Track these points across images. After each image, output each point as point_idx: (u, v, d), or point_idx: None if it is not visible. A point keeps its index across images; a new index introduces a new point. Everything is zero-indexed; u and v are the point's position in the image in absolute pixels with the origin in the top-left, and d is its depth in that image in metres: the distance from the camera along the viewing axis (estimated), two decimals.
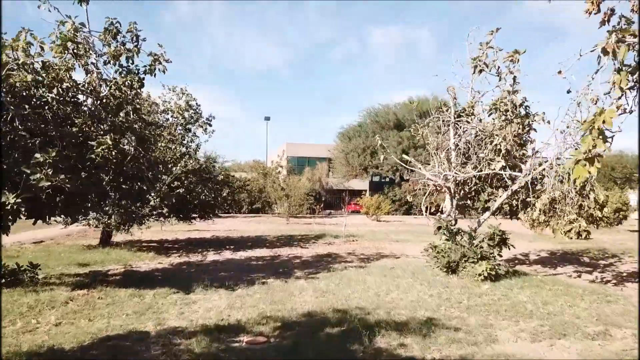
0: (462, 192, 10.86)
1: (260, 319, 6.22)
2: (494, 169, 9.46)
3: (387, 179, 58.67)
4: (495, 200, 10.14)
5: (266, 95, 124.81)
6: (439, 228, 9.82)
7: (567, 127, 8.90)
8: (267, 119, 53.38)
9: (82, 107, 8.31)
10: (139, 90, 9.07)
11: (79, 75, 8.61)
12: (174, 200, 12.79)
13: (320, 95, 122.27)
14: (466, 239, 9.39)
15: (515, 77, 9.30)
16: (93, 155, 7.18)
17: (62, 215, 7.88)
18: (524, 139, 10.17)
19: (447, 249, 9.28)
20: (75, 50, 7.42)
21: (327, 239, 18.83)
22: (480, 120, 10.74)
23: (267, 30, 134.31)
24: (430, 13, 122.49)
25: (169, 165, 13.21)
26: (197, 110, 15.64)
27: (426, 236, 21.34)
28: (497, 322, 6.29)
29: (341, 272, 10.19)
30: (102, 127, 8.33)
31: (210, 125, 15.95)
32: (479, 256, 8.90)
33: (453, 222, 9.81)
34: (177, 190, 13.41)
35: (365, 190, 68.99)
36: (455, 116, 10.83)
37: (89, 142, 7.52)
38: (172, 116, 15.05)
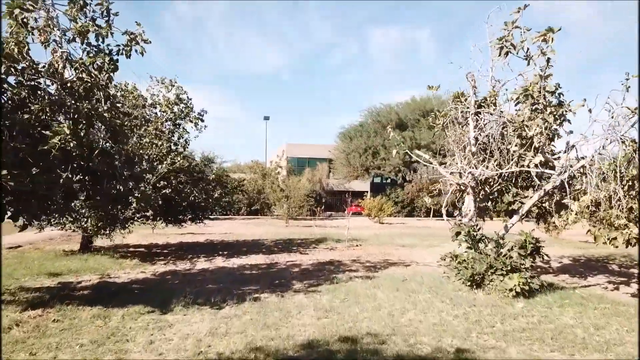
0: (483, 192, 9.57)
1: (247, 352, 4.93)
2: (527, 166, 8.15)
3: (389, 180, 57.50)
4: (522, 202, 8.85)
5: (266, 97, 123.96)
6: (458, 234, 8.52)
7: (612, 117, 7.62)
8: (267, 118, 52.12)
9: (43, 92, 7.04)
10: (111, 75, 7.80)
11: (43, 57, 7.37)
12: (160, 202, 11.48)
13: (320, 96, 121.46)
14: (492, 247, 8.09)
15: (549, 59, 8.02)
16: (47, 147, 5.90)
17: (12, 219, 6.60)
18: (555, 131, 8.88)
19: (470, 258, 7.98)
20: (24, 20, 6.13)
21: (328, 243, 17.53)
22: (502, 112, 9.45)
23: (267, 31, 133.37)
24: (430, 14, 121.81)
25: (155, 163, 11.92)
26: (188, 104, 14.36)
27: (433, 239, 20.05)
28: (545, 356, 5.00)
29: (346, 284, 8.89)
30: (67, 115, 7.08)
31: (202, 120, 14.67)
32: (509, 268, 7.60)
33: (476, 226, 8.50)
34: (164, 191, 12.11)
35: (367, 192, 67.92)
36: (476, 106, 9.55)
37: (45, 132, 6.25)
38: (160, 110, 13.78)
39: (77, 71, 7.06)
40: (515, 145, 8.49)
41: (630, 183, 7.27)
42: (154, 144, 12.51)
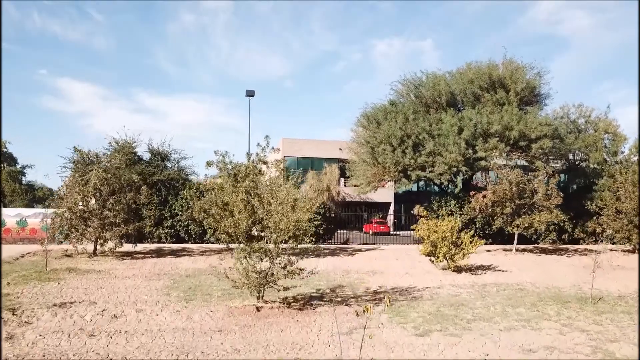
0: None
1: None
2: None
3: (427, 188, 40.67)
4: None
5: (270, 106, 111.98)
6: None
7: None
8: (250, 94, 34.97)
9: None
10: None
11: None
12: None
13: (324, 105, 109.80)
14: None
15: None
16: None
17: None
18: None
19: None
20: None
21: None
22: None
23: (271, 40, 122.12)
24: (433, 25, 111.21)
25: None
26: None
27: None
28: None
29: None
30: None
31: None
32: None
33: None
34: None
35: (390, 204, 50.88)
36: None
37: None
38: None
39: None
40: None
41: None
42: None
